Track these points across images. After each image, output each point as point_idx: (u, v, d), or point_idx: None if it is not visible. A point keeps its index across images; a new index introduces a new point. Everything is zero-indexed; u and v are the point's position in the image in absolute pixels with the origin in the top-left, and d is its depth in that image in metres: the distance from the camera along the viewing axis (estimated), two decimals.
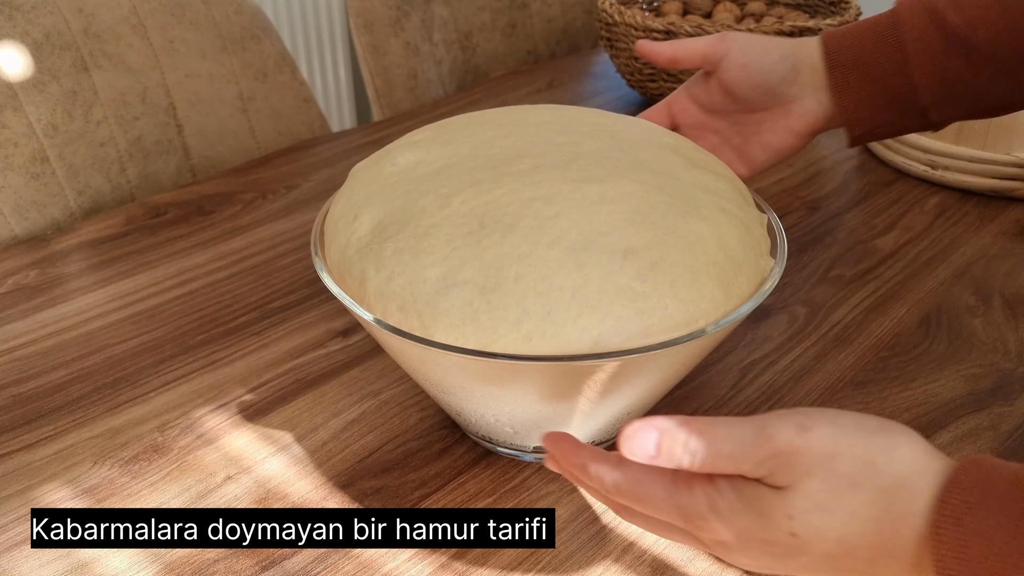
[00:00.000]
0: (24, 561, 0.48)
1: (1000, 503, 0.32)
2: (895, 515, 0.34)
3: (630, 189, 0.47)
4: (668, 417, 0.36)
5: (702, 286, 0.45)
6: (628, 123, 0.57)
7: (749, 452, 0.35)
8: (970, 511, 0.33)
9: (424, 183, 0.49)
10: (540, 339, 0.43)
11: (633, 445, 0.36)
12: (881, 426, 0.36)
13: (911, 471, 0.34)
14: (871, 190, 0.86)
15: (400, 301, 0.45)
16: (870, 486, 0.34)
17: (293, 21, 1.95)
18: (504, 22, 1.25)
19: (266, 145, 1.02)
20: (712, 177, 0.51)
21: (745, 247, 0.48)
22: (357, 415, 0.58)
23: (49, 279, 0.72)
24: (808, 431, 0.35)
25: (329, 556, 0.48)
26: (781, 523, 0.35)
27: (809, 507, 0.35)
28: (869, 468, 0.34)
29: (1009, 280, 0.72)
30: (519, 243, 0.44)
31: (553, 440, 0.41)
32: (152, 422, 0.57)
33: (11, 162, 0.82)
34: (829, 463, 0.34)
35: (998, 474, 0.33)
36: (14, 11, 0.84)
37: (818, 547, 0.35)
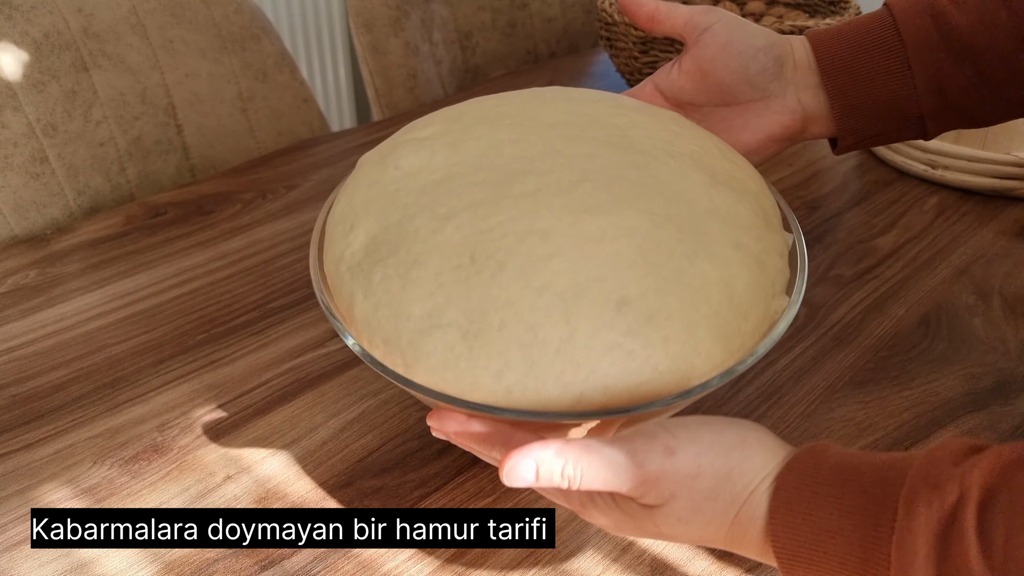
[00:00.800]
0: (24, 561, 0.48)
1: (825, 486, 0.37)
2: (744, 519, 0.38)
3: (636, 223, 0.44)
4: (546, 444, 0.38)
5: (699, 342, 0.42)
6: (649, 123, 0.52)
7: (622, 478, 0.38)
8: (799, 496, 0.37)
9: (423, 197, 0.47)
10: (520, 393, 0.41)
11: (514, 476, 0.38)
12: (738, 439, 0.39)
13: (760, 476, 0.38)
14: (871, 189, 0.86)
15: (385, 334, 0.43)
16: (724, 496, 0.38)
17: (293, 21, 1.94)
18: (504, 22, 1.25)
19: (266, 145, 1.02)
20: (733, 198, 0.47)
21: (755, 290, 0.45)
22: (357, 415, 0.58)
23: (49, 279, 0.72)
24: (674, 454, 0.38)
25: (328, 556, 0.48)
26: (648, 526, 0.40)
27: (672, 521, 0.39)
28: (725, 481, 0.38)
29: (1009, 280, 0.72)
30: (508, 286, 0.42)
31: (439, 418, 0.43)
32: (152, 422, 0.57)
33: (11, 162, 0.82)
34: (692, 482, 0.38)
35: (826, 460, 0.37)
36: (13, 11, 0.84)
37: (680, 540, 0.41)
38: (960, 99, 0.57)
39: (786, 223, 0.52)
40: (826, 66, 0.57)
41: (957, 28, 0.55)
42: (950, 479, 0.34)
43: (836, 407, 0.59)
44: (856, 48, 0.57)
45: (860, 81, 0.57)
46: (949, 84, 0.56)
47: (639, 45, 0.97)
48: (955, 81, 0.56)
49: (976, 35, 0.55)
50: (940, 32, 0.55)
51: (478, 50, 1.24)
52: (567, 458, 0.38)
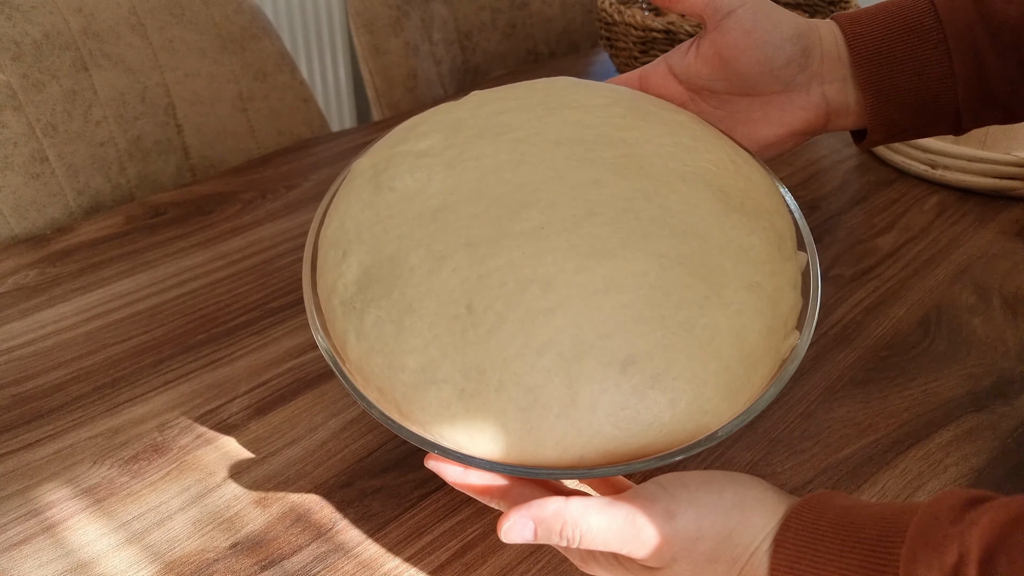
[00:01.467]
0: (24, 561, 0.48)
1: (824, 543, 0.36)
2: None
3: (644, 268, 0.42)
4: (544, 503, 0.38)
5: (706, 402, 0.41)
6: (660, 136, 0.49)
7: (621, 541, 0.38)
8: (800, 556, 0.36)
9: (419, 229, 0.45)
10: (518, 454, 0.40)
11: (512, 535, 0.38)
12: (737, 499, 0.39)
13: (759, 537, 0.38)
14: (871, 189, 0.86)
15: (379, 383, 0.42)
16: (725, 559, 0.38)
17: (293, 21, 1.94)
18: (504, 22, 1.25)
19: (266, 145, 1.02)
20: (748, 227, 0.45)
21: (768, 336, 0.43)
22: (357, 414, 0.58)
23: (49, 279, 0.72)
24: (674, 518, 0.38)
25: (328, 556, 0.48)
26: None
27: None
28: (725, 543, 0.38)
29: (1009, 279, 0.72)
30: (506, 344, 0.40)
31: (437, 467, 0.42)
32: (152, 422, 0.57)
33: (11, 162, 0.82)
34: (693, 545, 0.38)
35: (824, 515, 0.37)
36: (13, 11, 0.84)
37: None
38: (1001, 92, 0.53)
39: (800, 240, 0.50)
40: (858, 52, 0.53)
41: (1004, 17, 0.51)
42: (949, 539, 0.33)
43: (836, 407, 0.59)
44: (891, 32, 0.52)
45: (895, 68, 0.53)
46: (991, 75, 0.52)
47: (639, 45, 0.97)
48: (997, 73, 0.52)
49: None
50: (984, 20, 0.51)
51: (478, 50, 1.24)
52: (566, 519, 0.38)
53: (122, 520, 0.50)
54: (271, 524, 0.50)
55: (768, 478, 0.53)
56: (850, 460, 0.54)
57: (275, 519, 0.50)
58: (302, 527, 0.50)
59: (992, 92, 0.53)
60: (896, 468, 0.54)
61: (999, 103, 0.53)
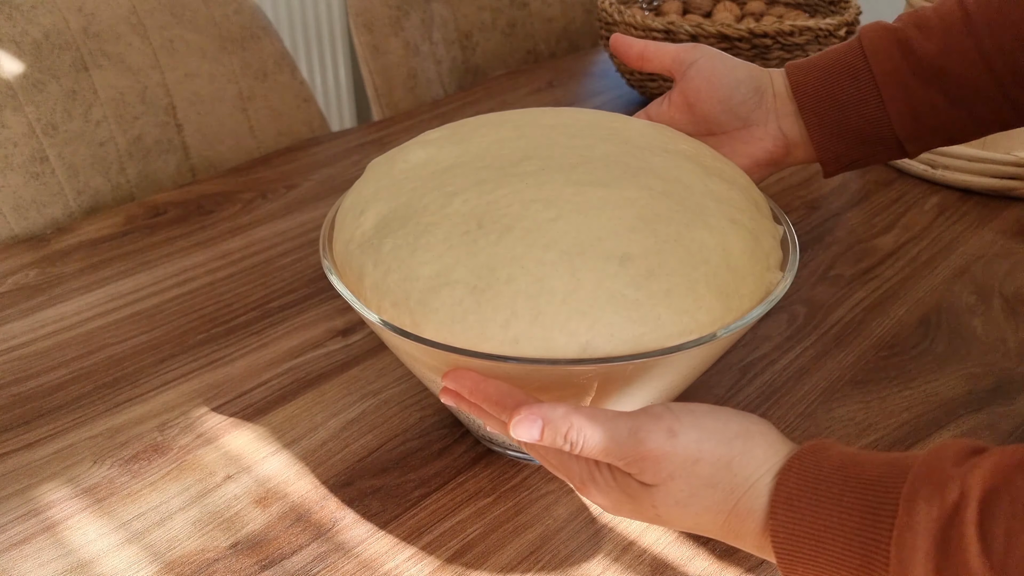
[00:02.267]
0: (24, 560, 0.48)
1: (826, 484, 0.37)
2: (741, 510, 0.39)
3: (635, 195, 0.47)
4: (555, 406, 0.40)
5: (699, 297, 0.44)
6: (645, 127, 0.56)
7: (622, 451, 0.39)
8: (801, 493, 0.37)
9: (431, 181, 0.50)
10: (527, 342, 0.43)
11: (520, 430, 0.40)
12: (742, 430, 0.40)
13: (760, 471, 0.39)
14: (871, 189, 0.86)
15: (394, 297, 0.45)
16: (724, 486, 0.39)
17: (293, 20, 1.94)
18: (504, 21, 1.25)
19: (266, 145, 1.02)
20: (726, 186, 0.50)
21: (751, 259, 0.47)
22: (357, 414, 0.58)
23: (49, 278, 0.72)
24: (676, 436, 0.39)
25: (328, 556, 0.48)
26: (646, 507, 0.41)
27: (670, 502, 0.40)
28: (725, 471, 0.39)
29: (1009, 279, 0.72)
30: (514, 245, 0.44)
31: (455, 376, 0.44)
32: (152, 421, 0.57)
33: (11, 161, 0.82)
34: (692, 467, 0.39)
35: (828, 459, 0.38)
36: (13, 10, 0.84)
37: (677, 526, 0.41)
38: (933, 120, 0.58)
39: (776, 220, 0.54)
40: (802, 95, 0.60)
41: (923, 54, 0.57)
42: (951, 479, 0.34)
43: (836, 407, 0.59)
44: (829, 77, 0.59)
45: (835, 109, 0.59)
46: (921, 107, 0.58)
47: None
48: (926, 104, 0.58)
49: (942, 60, 0.57)
50: (907, 59, 0.57)
51: (478, 50, 1.24)
52: (572, 422, 0.40)
53: (122, 520, 0.50)
54: (271, 524, 0.50)
55: None
56: None
57: (275, 519, 0.50)
58: (302, 527, 0.50)
59: (925, 122, 0.58)
60: None
61: (934, 130, 0.59)
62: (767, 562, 0.48)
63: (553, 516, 0.51)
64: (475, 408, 0.44)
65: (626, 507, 0.41)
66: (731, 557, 0.48)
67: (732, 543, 0.41)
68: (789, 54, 0.93)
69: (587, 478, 0.42)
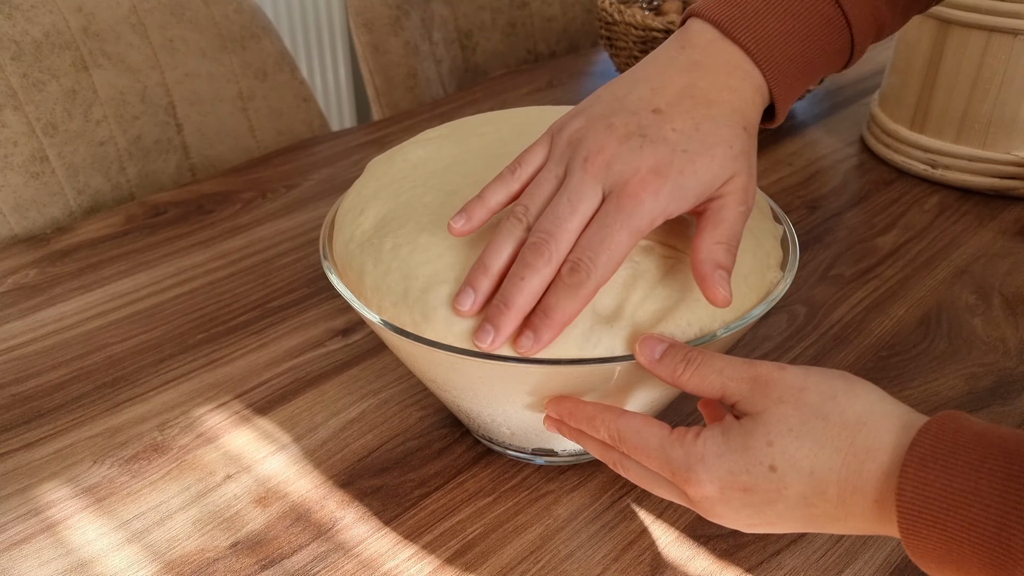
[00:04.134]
0: (24, 560, 0.48)
1: (964, 451, 0.35)
2: (859, 449, 0.37)
3: None
4: (670, 340, 0.42)
5: (700, 295, 0.44)
6: None
7: (736, 370, 0.40)
8: (935, 456, 0.36)
9: (431, 180, 0.50)
10: None
11: (644, 348, 0.42)
12: (843, 374, 0.40)
13: (871, 411, 0.38)
14: (871, 189, 0.86)
15: (394, 297, 0.45)
16: (835, 419, 0.38)
17: (293, 20, 1.94)
18: (504, 21, 1.25)
19: (266, 144, 1.02)
20: None
21: (752, 258, 0.47)
22: (357, 414, 0.58)
23: (49, 278, 0.72)
24: (784, 370, 0.40)
25: (329, 555, 0.48)
26: (762, 453, 0.39)
27: (783, 431, 0.38)
28: (832, 402, 0.39)
29: (1009, 279, 0.72)
30: None
31: (556, 402, 0.45)
32: (152, 421, 0.57)
33: (11, 161, 0.82)
34: (799, 394, 0.39)
35: (967, 427, 0.36)
36: (13, 10, 0.84)
37: (793, 483, 0.38)
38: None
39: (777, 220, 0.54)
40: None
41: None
42: None
43: None
44: None
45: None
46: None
47: (639, 45, 0.97)
48: None
49: None
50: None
51: (478, 49, 1.24)
52: (696, 347, 0.42)
53: (122, 519, 0.50)
54: (271, 523, 0.50)
55: None
56: None
57: (275, 518, 0.50)
58: (302, 526, 0.50)
59: None
60: None
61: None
62: (767, 562, 0.48)
63: (553, 516, 0.51)
64: (575, 433, 0.45)
65: (741, 477, 0.39)
66: (731, 557, 0.48)
67: (846, 504, 0.38)
68: None
69: (694, 460, 0.40)
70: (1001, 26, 0.78)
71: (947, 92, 0.84)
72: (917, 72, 0.86)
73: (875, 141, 0.92)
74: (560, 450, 0.52)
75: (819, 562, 0.48)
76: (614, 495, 0.52)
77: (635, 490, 0.52)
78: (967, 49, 0.81)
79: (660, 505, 0.51)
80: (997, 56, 0.80)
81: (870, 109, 0.96)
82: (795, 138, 0.97)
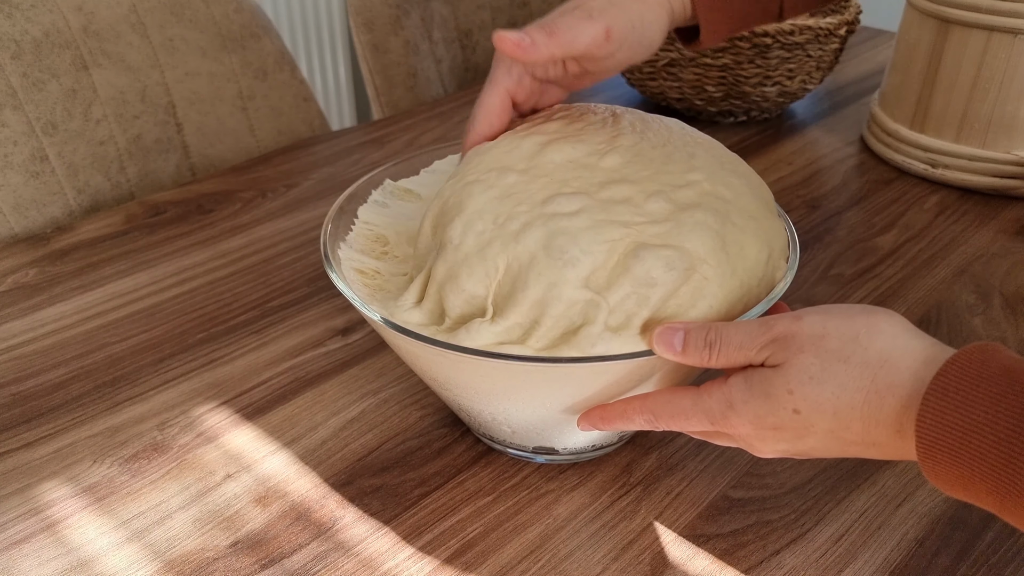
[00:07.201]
0: (24, 559, 0.48)
1: (988, 383, 0.36)
2: (880, 386, 0.39)
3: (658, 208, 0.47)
4: (691, 322, 0.43)
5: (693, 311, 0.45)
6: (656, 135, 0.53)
7: (755, 339, 0.41)
8: (959, 386, 0.36)
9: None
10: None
11: (662, 340, 0.43)
12: (865, 309, 0.41)
13: (892, 347, 0.39)
14: (871, 188, 0.86)
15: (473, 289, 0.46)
16: (856, 360, 0.39)
17: (293, 19, 1.94)
18: (504, 21, 1.25)
19: (266, 144, 1.02)
20: (742, 182, 0.50)
21: (760, 256, 0.48)
22: (356, 414, 0.58)
23: (49, 278, 0.72)
24: (800, 319, 0.41)
25: (329, 555, 0.48)
26: (783, 400, 0.40)
27: (804, 379, 0.40)
28: (854, 344, 0.39)
29: (1009, 278, 0.72)
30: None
31: (585, 416, 0.47)
32: (152, 420, 0.57)
33: (10, 160, 0.82)
34: (819, 342, 0.40)
35: (996, 360, 0.37)
36: (13, 9, 0.84)
37: (819, 422, 0.40)
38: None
39: None
40: None
41: None
42: None
43: None
44: None
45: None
46: None
47: None
48: None
49: None
50: None
51: (478, 49, 1.24)
52: (710, 327, 0.42)
53: (122, 519, 0.50)
54: (271, 523, 0.50)
55: (768, 477, 0.53)
56: (850, 460, 0.54)
57: (275, 518, 0.50)
58: (302, 526, 0.50)
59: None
60: (896, 468, 0.54)
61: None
62: (767, 561, 0.48)
63: (553, 516, 0.51)
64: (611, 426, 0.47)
65: (768, 419, 0.41)
66: (731, 557, 0.48)
67: (871, 436, 0.40)
68: (789, 53, 0.93)
69: (725, 407, 0.42)
70: (1001, 26, 0.78)
71: (947, 92, 0.84)
72: (917, 72, 0.86)
73: (875, 140, 0.92)
74: (561, 448, 0.52)
75: (819, 562, 0.48)
76: (614, 495, 0.52)
77: (635, 490, 0.52)
78: (967, 49, 0.81)
79: (660, 505, 0.51)
80: (997, 56, 0.80)
81: (870, 108, 0.96)
82: (795, 137, 0.97)
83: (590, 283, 0.43)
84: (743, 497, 0.52)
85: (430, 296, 0.47)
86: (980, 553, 0.49)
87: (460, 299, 0.45)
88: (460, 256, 0.45)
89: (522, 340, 0.44)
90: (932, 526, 0.50)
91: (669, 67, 0.96)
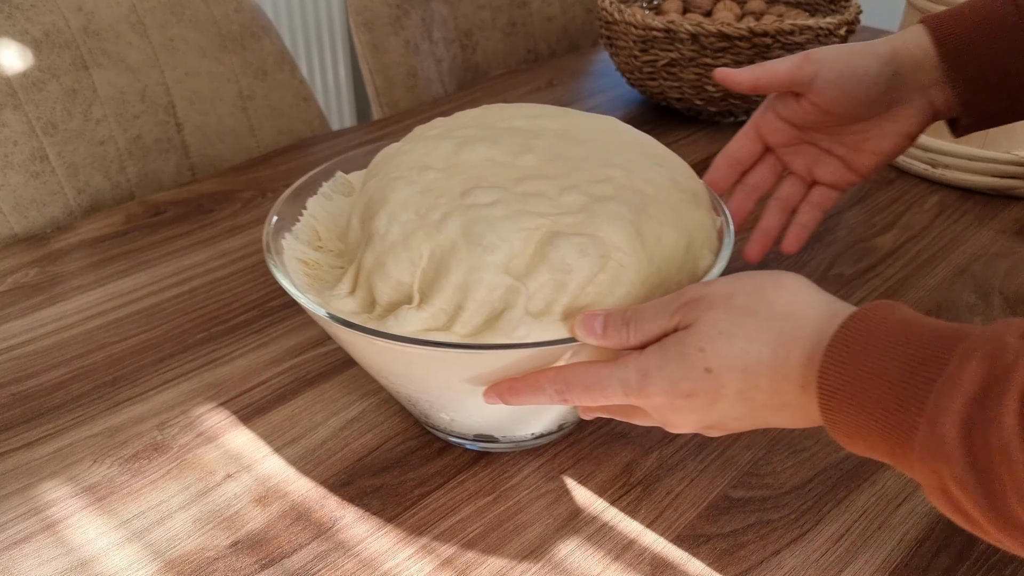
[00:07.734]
0: (24, 559, 0.48)
1: (886, 334, 0.37)
2: (786, 338, 0.40)
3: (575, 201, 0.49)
4: (610, 309, 0.44)
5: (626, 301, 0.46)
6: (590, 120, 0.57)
7: (667, 308, 0.43)
8: (858, 338, 0.37)
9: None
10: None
11: (584, 326, 0.44)
12: (771, 272, 0.43)
13: (798, 301, 0.41)
14: (871, 188, 0.86)
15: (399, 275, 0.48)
16: (764, 314, 0.41)
17: (293, 19, 1.94)
18: (504, 20, 1.25)
19: (266, 144, 1.02)
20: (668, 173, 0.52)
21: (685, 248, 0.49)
22: (356, 414, 0.58)
23: (49, 277, 0.72)
24: (709, 285, 0.43)
25: (329, 555, 0.48)
26: (696, 359, 0.41)
27: (714, 335, 0.41)
28: (759, 297, 0.41)
29: (1009, 278, 0.72)
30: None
31: (495, 388, 0.46)
32: (152, 420, 0.57)
33: (11, 160, 0.82)
34: (728, 299, 0.41)
35: (896, 313, 0.38)
36: (14, 9, 0.84)
37: (729, 382, 0.41)
38: None
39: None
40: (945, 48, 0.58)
41: None
42: (1009, 347, 0.34)
43: None
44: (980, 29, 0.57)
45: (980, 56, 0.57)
46: None
47: (639, 44, 0.97)
48: None
49: None
50: None
51: (478, 49, 1.24)
52: (628, 308, 0.44)
53: (122, 518, 0.50)
54: (271, 523, 0.50)
55: (768, 477, 0.53)
56: (850, 460, 0.54)
57: (275, 518, 0.50)
58: (302, 526, 0.50)
59: None
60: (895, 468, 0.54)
61: None
62: (767, 562, 0.48)
63: (553, 516, 0.51)
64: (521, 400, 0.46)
65: (682, 384, 0.41)
66: (731, 557, 0.48)
67: (779, 395, 0.40)
68: (788, 53, 0.93)
69: (640, 376, 0.42)
70: None
71: None
72: None
73: None
74: (500, 436, 0.53)
75: (819, 562, 0.48)
76: (614, 495, 0.52)
77: (635, 490, 0.52)
78: None
79: (660, 505, 0.51)
80: None
81: None
82: None
83: (510, 269, 0.45)
84: (743, 497, 0.52)
85: (361, 285, 0.49)
86: (980, 553, 0.49)
87: (388, 286, 0.47)
88: (386, 245, 0.47)
89: (447, 326, 0.45)
90: (932, 526, 0.50)
91: (669, 67, 0.96)
